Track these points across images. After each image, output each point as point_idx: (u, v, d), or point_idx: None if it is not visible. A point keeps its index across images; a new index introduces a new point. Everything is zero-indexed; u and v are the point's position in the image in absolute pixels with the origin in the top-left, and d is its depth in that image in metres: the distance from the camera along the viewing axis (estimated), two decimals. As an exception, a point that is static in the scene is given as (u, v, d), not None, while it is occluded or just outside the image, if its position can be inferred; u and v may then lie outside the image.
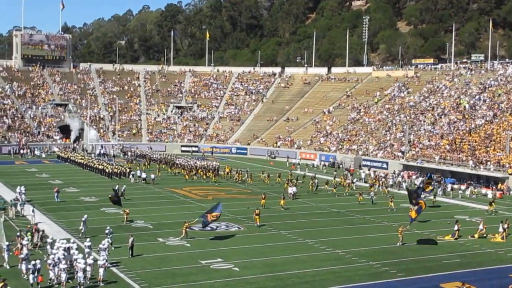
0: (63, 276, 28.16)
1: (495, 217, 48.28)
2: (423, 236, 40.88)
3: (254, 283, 29.98)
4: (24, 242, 32.57)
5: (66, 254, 30.34)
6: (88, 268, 28.87)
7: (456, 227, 40.94)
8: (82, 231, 37.87)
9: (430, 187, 56.02)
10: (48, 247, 32.71)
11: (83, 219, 38.48)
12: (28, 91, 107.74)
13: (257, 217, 43.41)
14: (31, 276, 28.16)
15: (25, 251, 30.56)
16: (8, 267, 31.12)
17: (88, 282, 28.74)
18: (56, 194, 51.73)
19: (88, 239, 33.34)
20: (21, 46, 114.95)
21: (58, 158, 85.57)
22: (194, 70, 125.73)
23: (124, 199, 50.07)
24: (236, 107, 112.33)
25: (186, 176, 67.01)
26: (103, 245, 32.19)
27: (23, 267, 29.55)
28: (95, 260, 30.07)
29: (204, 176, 67.63)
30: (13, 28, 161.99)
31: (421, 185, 55.06)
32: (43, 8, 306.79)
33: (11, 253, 31.84)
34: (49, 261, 29.33)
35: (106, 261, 29.97)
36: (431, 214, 49.30)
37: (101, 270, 29.21)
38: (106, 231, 35.69)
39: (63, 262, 28.88)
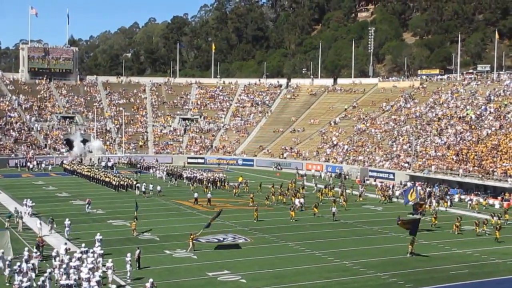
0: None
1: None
2: (431, 247, 40.71)
3: (262, 294, 29.95)
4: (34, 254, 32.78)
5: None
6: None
7: None
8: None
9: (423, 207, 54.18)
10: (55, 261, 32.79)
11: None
12: (35, 104, 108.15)
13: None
14: None
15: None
16: None
17: None
18: (87, 205, 52.14)
19: (100, 250, 33.61)
20: (27, 59, 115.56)
21: (64, 171, 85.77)
22: (200, 82, 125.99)
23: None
24: (242, 118, 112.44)
25: (226, 187, 69.92)
26: (128, 257, 32.29)
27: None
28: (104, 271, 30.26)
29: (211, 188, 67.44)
30: (20, 42, 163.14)
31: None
32: (50, 22, 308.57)
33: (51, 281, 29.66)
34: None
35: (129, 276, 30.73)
36: (438, 224, 49.06)
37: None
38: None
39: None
